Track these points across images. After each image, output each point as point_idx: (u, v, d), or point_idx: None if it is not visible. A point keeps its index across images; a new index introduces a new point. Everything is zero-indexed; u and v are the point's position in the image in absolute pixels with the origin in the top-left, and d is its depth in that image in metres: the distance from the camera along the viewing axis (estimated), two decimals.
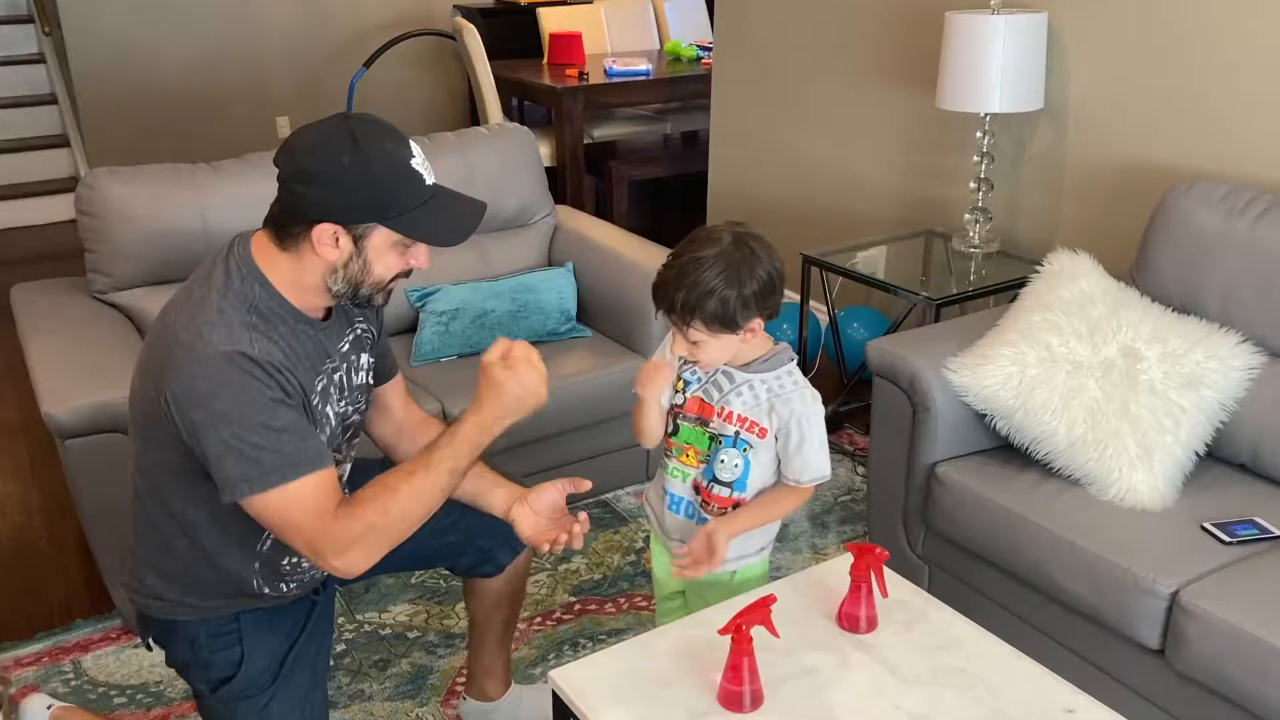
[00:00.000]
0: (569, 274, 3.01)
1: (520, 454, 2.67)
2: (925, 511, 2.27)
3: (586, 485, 1.78)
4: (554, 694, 1.59)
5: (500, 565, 1.94)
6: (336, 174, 1.45)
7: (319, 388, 1.58)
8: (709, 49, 5.27)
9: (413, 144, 1.52)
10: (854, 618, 1.66)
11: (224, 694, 1.66)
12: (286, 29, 5.86)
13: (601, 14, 6.00)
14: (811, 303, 3.32)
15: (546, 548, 1.74)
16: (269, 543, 1.61)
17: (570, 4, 6.14)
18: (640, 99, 5.36)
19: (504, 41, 5.67)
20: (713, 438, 1.76)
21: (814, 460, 1.74)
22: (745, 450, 1.74)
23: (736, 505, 1.77)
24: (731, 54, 4.14)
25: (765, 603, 1.51)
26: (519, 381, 1.55)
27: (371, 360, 1.74)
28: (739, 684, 1.49)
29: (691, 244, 1.67)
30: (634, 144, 5.60)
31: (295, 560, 1.65)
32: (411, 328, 2.95)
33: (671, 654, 1.61)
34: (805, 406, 1.73)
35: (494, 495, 1.79)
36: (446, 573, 2.51)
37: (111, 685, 2.26)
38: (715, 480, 1.77)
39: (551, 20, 5.75)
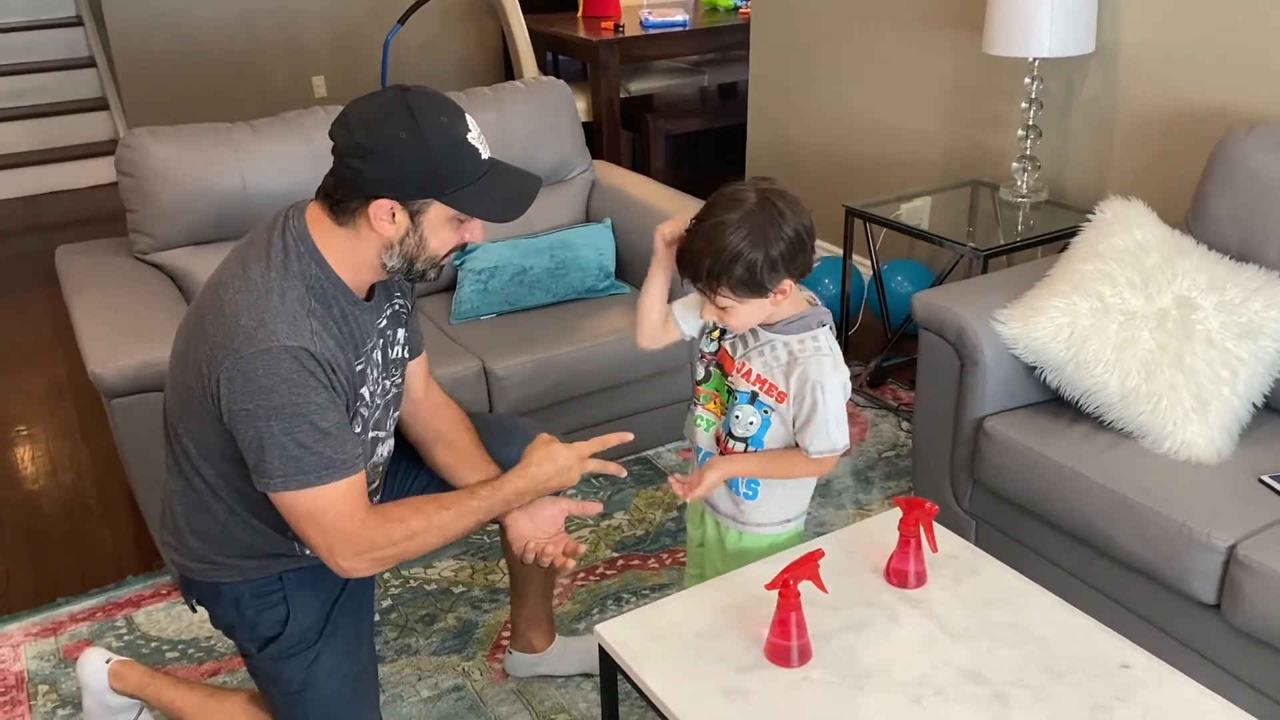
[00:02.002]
0: (608, 230, 2.99)
1: (560, 410, 2.67)
2: (973, 466, 2.23)
3: (596, 509, 1.83)
4: (600, 648, 1.58)
5: None
6: (393, 149, 1.43)
7: (358, 369, 1.57)
8: None
9: (469, 118, 1.50)
10: (903, 573, 1.64)
11: (271, 652, 1.68)
12: None
13: None
14: (854, 256, 3.27)
15: (530, 557, 1.74)
16: None
17: None
18: (677, 51, 5.27)
19: None
20: (730, 391, 1.74)
21: (825, 431, 1.66)
22: (765, 411, 1.70)
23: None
24: (771, 2, 4.06)
25: (813, 558, 1.49)
26: (567, 465, 1.68)
27: (405, 334, 1.74)
28: (786, 639, 1.48)
29: (715, 207, 1.61)
30: (671, 97, 5.53)
31: None
32: (450, 286, 2.94)
33: (718, 608, 1.60)
34: (822, 373, 1.65)
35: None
36: (491, 528, 2.53)
37: (164, 640, 2.30)
38: (730, 434, 1.74)
39: None
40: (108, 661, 1.98)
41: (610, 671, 1.60)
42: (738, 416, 1.71)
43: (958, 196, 3.22)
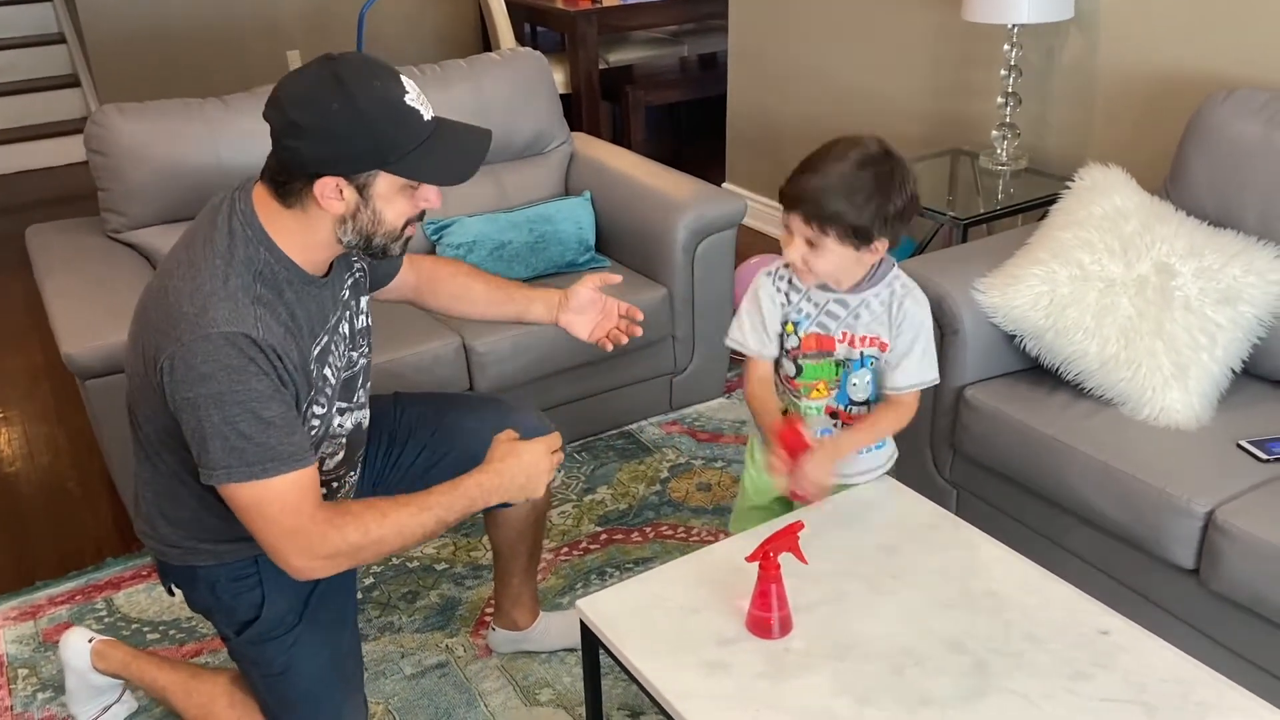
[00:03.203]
0: (587, 203, 2.96)
1: (542, 386, 2.65)
2: (953, 435, 2.23)
3: (616, 279, 1.86)
4: (582, 623, 1.58)
5: None
6: (327, 123, 1.38)
7: (316, 352, 1.54)
8: None
9: (405, 79, 1.45)
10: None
11: (250, 635, 1.66)
12: None
13: None
14: None
15: (609, 346, 1.85)
16: None
17: None
18: (656, 21, 5.22)
19: None
20: (839, 364, 1.75)
21: (919, 366, 1.73)
22: (872, 365, 1.75)
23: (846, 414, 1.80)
24: None
25: (793, 529, 1.49)
26: (534, 461, 1.58)
27: (368, 300, 1.72)
28: (767, 610, 1.48)
29: (838, 147, 1.61)
30: (651, 68, 5.48)
31: None
32: None
33: (700, 582, 1.60)
34: (919, 309, 1.72)
35: (534, 310, 1.90)
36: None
37: (144, 621, 2.29)
38: (852, 403, 1.78)
39: None
40: (90, 641, 1.97)
41: (592, 646, 1.60)
42: (854, 384, 1.75)
43: (938, 165, 3.21)
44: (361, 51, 1.47)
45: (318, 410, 1.57)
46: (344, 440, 1.69)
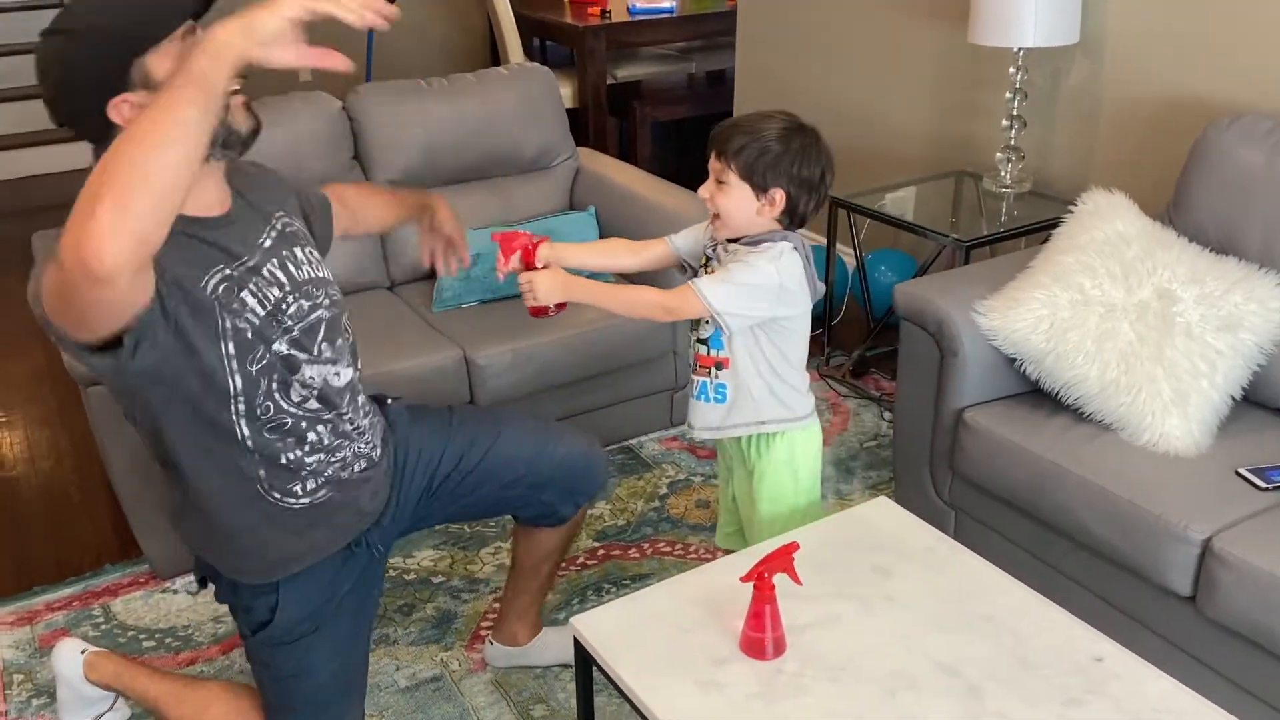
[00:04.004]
0: (591, 218, 2.97)
1: (542, 400, 2.66)
2: (952, 457, 2.23)
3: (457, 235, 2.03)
4: (576, 641, 1.58)
5: (563, 519, 1.96)
6: (70, 61, 1.36)
7: (212, 284, 1.46)
8: None
9: None
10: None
11: (263, 638, 1.67)
12: None
13: None
14: (838, 245, 3.26)
15: (427, 263, 2.02)
16: (255, 446, 1.56)
17: None
18: (664, 37, 5.25)
19: None
20: None
21: (710, 280, 1.73)
22: None
23: (718, 365, 1.81)
24: None
25: (788, 550, 1.49)
26: None
27: (313, 252, 1.68)
28: (761, 631, 1.48)
29: (769, 112, 1.76)
30: (658, 84, 5.50)
31: (295, 455, 1.59)
32: (433, 273, 2.92)
33: (694, 601, 1.60)
34: (758, 257, 1.72)
35: (411, 221, 2.06)
36: (486, 525, 2.53)
37: (141, 629, 2.29)
38: (699, 340, 1.83)
39: None
40: (83, 652, 1.97)
41: (585, 664, 1.60)
42: (707, 321, 1.79)
43: (942, 186, 3.22)
44: (371, 67, 1.45)
45: (242, 328, 1.49)
46: (315, 390, 1.59)
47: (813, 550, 1.66)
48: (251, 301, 1.51)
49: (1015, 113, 2.94)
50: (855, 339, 3.40)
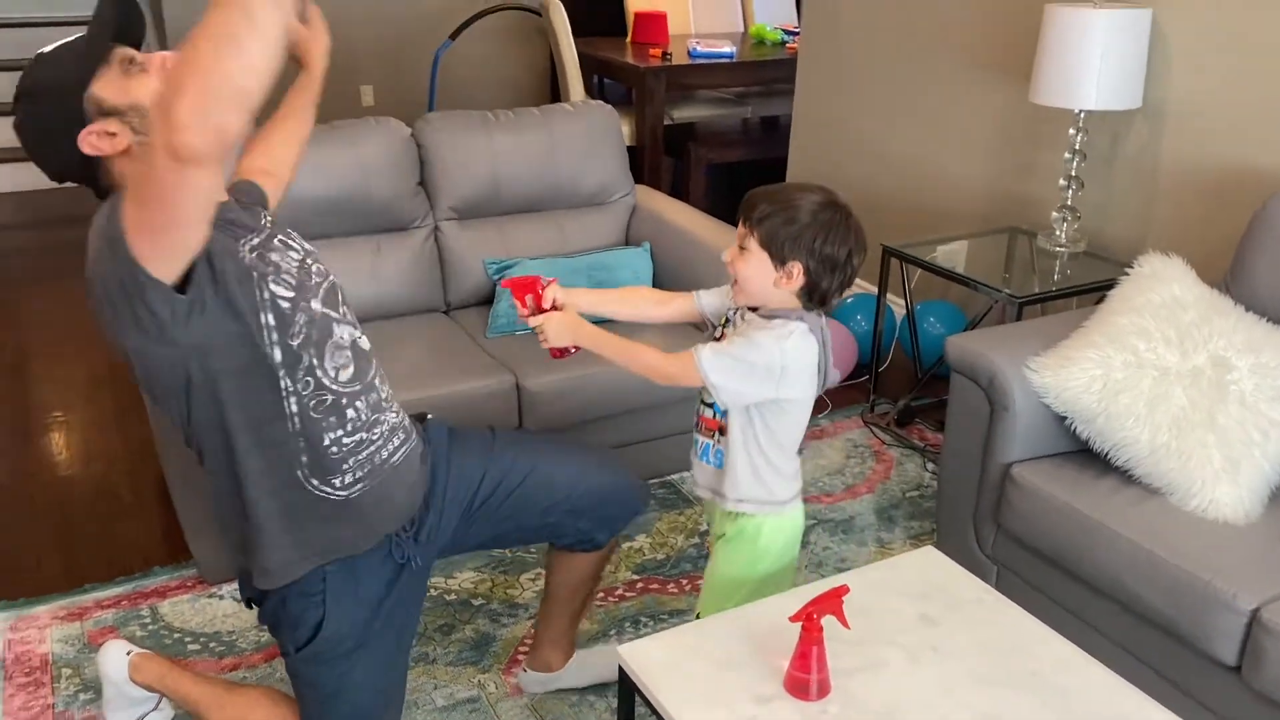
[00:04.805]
0: (645, 254, 3.02)
1: (589, 428, 2.69)
2: (998, 512, 2.24)
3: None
4: (620, 669, 1.60)
5: (598, 545, 1.99)
6: (33, 117, 1.48)
7: (247, 249, 1.56)
8: (795, 33, 5.22)
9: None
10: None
11: (307, 654, 1.69)
12: None
13: None
14: (889, 294, 3.28)
15: None
16: (302, 428, 1.60)
17: None
18: (722, 81, 5.32)
19: (588, 19, 5.67)
20: None
21: (714, 351, 1.66)
22: None
23: (721, 430, 1.76)
24: (819, 39, 4.10)
25: (838, 593, 1.50)
26: None
27: (309, 248, 1.74)
28: (806, 672, 1.49)
29: (810, 183, 1.72)
30: (714, 126, 5.57)
31: (336, 436, 1.62)
32: (488, 299, 2.98)
33: (740, 636, 1.61)
34: (760, 331, 1.67)
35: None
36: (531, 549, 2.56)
37: (186, 632, 2.33)
38: (703, 401, 1.79)
39: None
40: (129, 654, 2.02)
41: (629, 693, 1.62)
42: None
43: (995, 242, 3.24)
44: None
45: (280, 293, 1.56)
46: (348, 353, 1.65)
47: (860, 595, 1.67)
48: (281, 261, 1.60)
49: (1073, 173, 2.96)
50: (901, 388, 3.41)
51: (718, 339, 1.78)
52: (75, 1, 6.13)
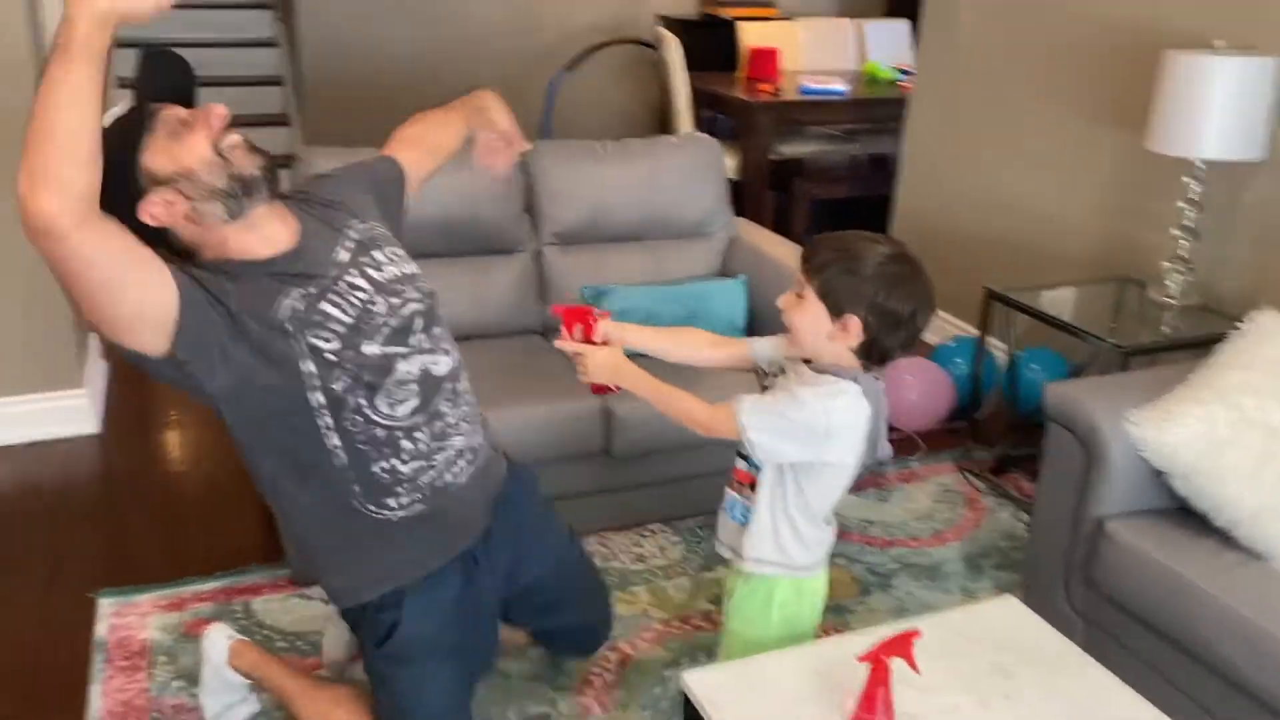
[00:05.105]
0: (742, 286, 3.03)
1: (672, 457, 2.70)
2: (1088, 566, 2.17)
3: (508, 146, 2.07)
4: (685, 696, 1.60)
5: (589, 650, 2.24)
6: (105, 188, 1.43)
7: (284, 305, 1.59)
8: (908, 73, 5.19)
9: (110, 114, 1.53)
10: None
11: (387, 651, 1.75)
12: (498, 28, 6.09)
13: (799, 31, 6.00)
14: (990, 338, 3.22)
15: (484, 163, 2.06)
16: (350, 461, 1.64)
17: (770, 20, 6.16)
18: (832, 118, 5.32)
19: (702, 54, 5.74)
20: None
21: (755, 403, 1.61)
22: None
23: (754, 485, 1.69)
24: (933, 79, 4.07)
25: (909, 636, 1.48)
26: None
27: (395, 251, 1.77)
28: (872, 713, 1.47)
29: (880, 235, 1.64)
30: (820, 162, 5.56)
31: (391, 465, 1.66)
32: None
33: (807, 672, 1.60)
34: (806, 388, 1.59)
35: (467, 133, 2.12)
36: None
37: (276, 630, 2.42)
38: (739, 453, 1.72)
39: (750, 35, 5.77)
40: (230, 639, 2.11)
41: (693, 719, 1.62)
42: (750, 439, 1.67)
43: (1103, 290, 3.15)
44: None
45: (323, 345, 1.60)
46: (414, 386, 1.68)
47: (933, 640, 1.64)
48: (334, 311, 1.62)
49: (1188, 224, 2.87)
50: (997, 435, 3.33)
51: (766, 389, 1.73)
52: (225, 22, 6.45)
